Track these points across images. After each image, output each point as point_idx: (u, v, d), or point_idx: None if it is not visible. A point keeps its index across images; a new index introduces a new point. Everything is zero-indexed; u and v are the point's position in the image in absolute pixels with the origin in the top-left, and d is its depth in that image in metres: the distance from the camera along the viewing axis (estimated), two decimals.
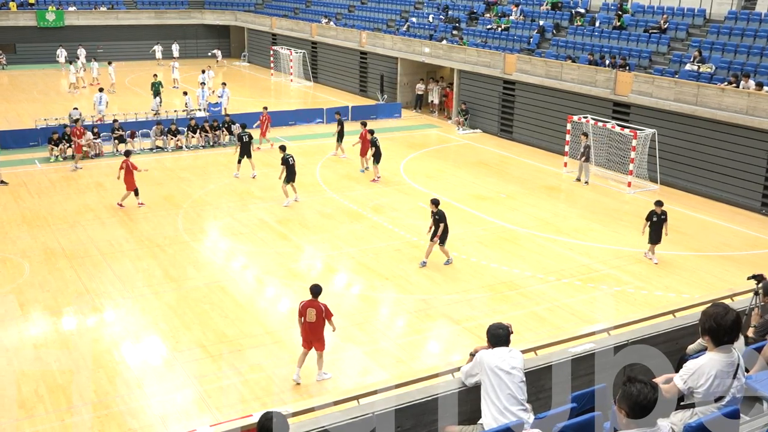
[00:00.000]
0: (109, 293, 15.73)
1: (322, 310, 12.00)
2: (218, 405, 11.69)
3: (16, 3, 50.52)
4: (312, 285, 12.31)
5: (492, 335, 6.50)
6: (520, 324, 14.05)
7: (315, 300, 12.08)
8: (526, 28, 34.17)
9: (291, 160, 21.57)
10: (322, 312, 12.00)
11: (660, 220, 17.81)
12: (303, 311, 12.04)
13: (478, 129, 33.10)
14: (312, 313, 11.98)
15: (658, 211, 17.79)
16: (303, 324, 12.09)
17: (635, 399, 4.55)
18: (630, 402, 4.57)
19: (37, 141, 28.34)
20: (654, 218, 17.81)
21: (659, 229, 17.84)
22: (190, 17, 55.57)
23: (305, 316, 12.00)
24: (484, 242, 19.18)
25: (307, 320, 12.01)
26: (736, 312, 5.48)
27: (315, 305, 12.03)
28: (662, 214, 17.79)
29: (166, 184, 23.91)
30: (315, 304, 12.05)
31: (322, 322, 12.07)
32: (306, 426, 5.88)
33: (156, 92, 34.52)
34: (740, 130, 22.44)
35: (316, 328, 12.07)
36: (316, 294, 12.11)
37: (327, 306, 12.13)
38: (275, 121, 33.25)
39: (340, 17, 46.99)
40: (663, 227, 17.85)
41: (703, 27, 28.03)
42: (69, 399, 11.80)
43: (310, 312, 11.98)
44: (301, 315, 12.06)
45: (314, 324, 12.01)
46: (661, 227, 17.85)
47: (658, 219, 17.80)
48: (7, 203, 21.64)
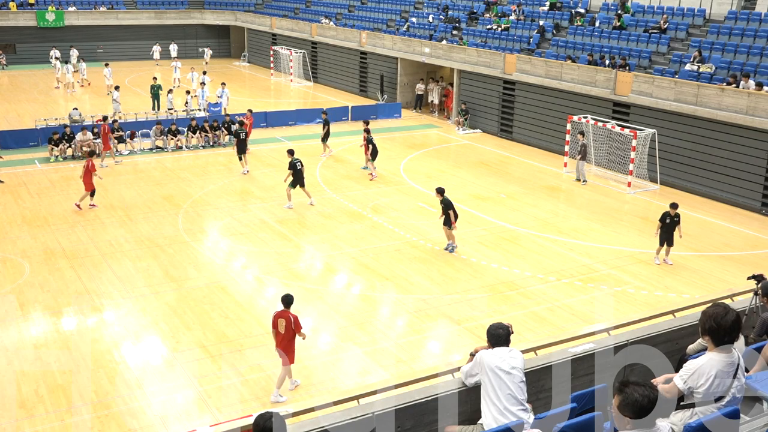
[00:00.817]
0: (109, 293, 15.73)
1: (291, 322, 11.62)
2: (218, 405, 11.69)
3: (16, 3, 50.53)
4: (284, 295, 11.96)
5: (492, 335, 6.50)
6: (520, 324, 14.06)
7: (286, 310, 11.73)
8: (526, 28, 34.18)
9: (299, 165, 21.37)
10: (292, 323, 11.63)
11: (673, 222, 17.63)
12: (275, 322, 11.71)
13: (478, 129, 33.11)
14: (282, 324, 11.62)
15: (672, 213, 17.60)
16: (276, 335, 11.78)
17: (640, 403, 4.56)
18: (635, 407, 4.58)
19: (37, 141, 28.36)
20: (667, 220, 17.62)
21: (671, 230, 17.67)
22: (190, 17, 55.59)
23: (277, 327, 11.67)
24: (485, 242, 19.18)
25: (278, 331, 11.68)
26: (736, 312, 5.48)
27: (285, 316, 11.64)
28: (676, 216, 17.61)
29: (166, 184, 23.91)
30: (285, 315, 11.67)
31: (292, 334, 11.71)
32: (306, 426, 5.88)
33: (155, 96, 34.35)
34: (740, 130, 22.44)
35: (286, 340, 11.68)
36: (288, 304, 11.75)
37: (297, 318, 11.75)
38: (275, 122, 33.34)
39: (340, 17, 46.99)
40: (676, 229, 17.71)
41: (703, 27, 28.04)
42: (69, 399, 11.80)
43: (281, 323, 11.64)
44: (273, 326, 11.76)
45: (284, 336, 11.65)
46: (673, 229, 17.68)
47: (671, 221, 17.62)
48: (7, 203, 21.64)
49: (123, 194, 22.69)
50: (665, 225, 17.67)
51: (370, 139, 24.80)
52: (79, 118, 30.32)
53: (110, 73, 39.91)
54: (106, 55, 52.06)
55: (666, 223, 17.66)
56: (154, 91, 34.54)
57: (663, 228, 17.69)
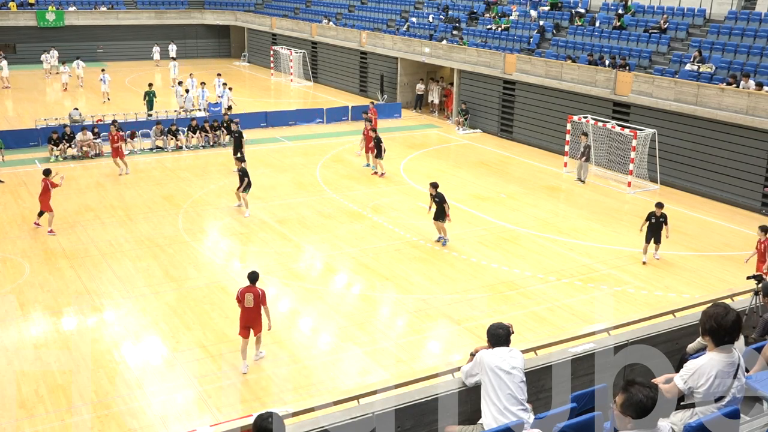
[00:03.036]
0: (109, 293, 15.73)
1: (259, 295, 12.51)
2: (218, 405, 11.69)
3: (16, 3, 50.51)
4: (250, 272, 12.78)
5: (492, 335, 6.49)
6: (520, 324, 14.05)
7: (253, 286, 12.55)
8: (526, 28, 34.17)
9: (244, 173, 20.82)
10: (259, 297, 12.51)
11: (658, 222, 17.70)
12: (241, 297, 12.53)
13: (478, 129, 33.10)
14: (250, 298, 12.47)
15: (657, 213, 17.69)
16: (242, 310, 12.59)
17: (644, 404, 4.56)
18: (639, 407, 4.58)
19: (37, 141, 28.35)
20: (653, 219, 17.72)
21: (657, 230, 17.73)
22: (190, 17, 55.58)
23: (243, 302, 12.49)
24: (485, 242, 19.18)
25: (245, 305, 12.50)
26: (736, 312, 5.48)
27: (253, 290, 12.51)
28: (661, 217, 17.67)
29: (166, 184, 23.91)
30: (253, 289, 12.52)
31: (259, 307, 12.57)
32: (306, 426, 5.87)
33: (150, 102, 33.17)
34: (740, 130, 22.44)
35: (253, 313, 12.57)
36: (254, 280, 12.60)
37: (264, 292, 12.65)
38: (275, 121, 33.34)
39: (340, 17, 46.98)
40: (663, 229, 17.76)
41: (703, 27, 28.03)
42: (69, 399, 11.80)
43: (248, 297, 12.47)
44: (239, 300, 12.57)
45: (252, 309, 12.52)
46: (659, 229, 17.72)
47: (657, 221, 17.69)
48: (7, 203, 21.64)
49: (123, 194, 22.68)
50: (651, 224, 17.77)
51: (378, 138, 25.01)
52: (79, 118, 30.32)
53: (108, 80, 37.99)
54: (107, 55, 52.11)
55: (652, 223, 17.77)
56: (149, 97, 33.30)
57: (649, 227, 17.78)
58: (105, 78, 37.58)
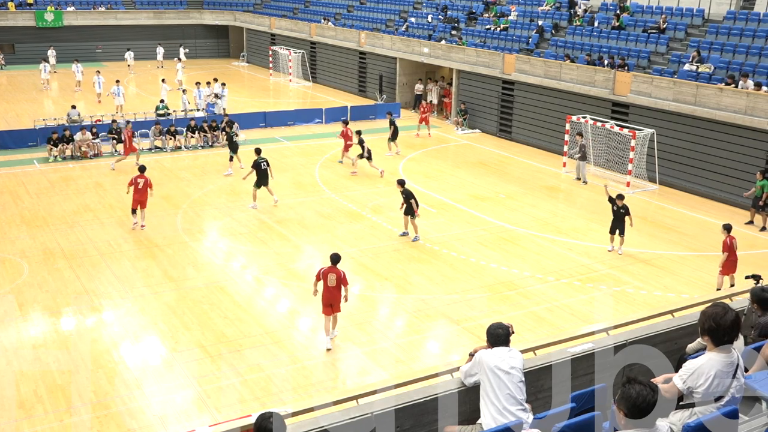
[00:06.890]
0: (108, 293, 15.72)
1: (341, 276, 13.29)
2: (217, 405, 11.68)
3: (15, 3, 50.47)
4: (332, 253, 13.63)
5: (491, 335, 6.49)
6: (519, 324, 14.03)
7: (334, 267, 13.33)
8: (525, 28, 34.18)
9: (264, 165, 21.37)
10: (341, 277, 13.30)
11: (620, 213, 18.15)
12: (324, 276, 13.28)
13: (477, 129, 33.11)
14: (333, 277, 13.25)
15: (619, 204, 18.15)
16: (325, 288, 13.28)
17: (634, 400, 4.55)
18: (629, 403, 4.58)
19: (36, 141, 28.33)
20: (614, 208, 18.21)
21: (621, 219, 18.18)
22: (189, 17, 55.56)
23: (326, 281, 13.23)
24: (484, 242, 19.18)
25: (328, 285, 13.23)
26: (735, 312, 5.48)
27: (336, 271, 13.30)
28: (622, 208, 18.14)
29: (165, 184, 23.89)
30: (335, 270, 13.31)
31: (339, 287, 13.33)
32: (305, 426, 5.87)
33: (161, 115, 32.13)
34: (739, 130, 22.45)
35: (336, 291, 13.32)
36: (336, 262, 13.41)
37: (345, 273, 13.43)
38: (274, 122, 33.33)
39: (339, 17, 46.98)
40: (626, 220, 18.18)
41: (701, 27, 28.04)
42: (68, 399, 11.79)
43: (331, 277, 13.25)
44: (321, 279, 13.33)
45: (334, 288, 13.27)
46: (622, 220, 18.19)
47: (618, 211, 18.15)
48: (6, 203, 21.62)
49: (122, 194, 22.66)
50: (614, 215, 18.25)
51: (361, 140, 25.17)
52: (78, 118, 30.29)
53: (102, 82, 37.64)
54: (106, 55, 52.08)
55: (613, 212, 18.24)
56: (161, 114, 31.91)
57: (613, 218, 18.27)
58: (99, 80, 37.52)
